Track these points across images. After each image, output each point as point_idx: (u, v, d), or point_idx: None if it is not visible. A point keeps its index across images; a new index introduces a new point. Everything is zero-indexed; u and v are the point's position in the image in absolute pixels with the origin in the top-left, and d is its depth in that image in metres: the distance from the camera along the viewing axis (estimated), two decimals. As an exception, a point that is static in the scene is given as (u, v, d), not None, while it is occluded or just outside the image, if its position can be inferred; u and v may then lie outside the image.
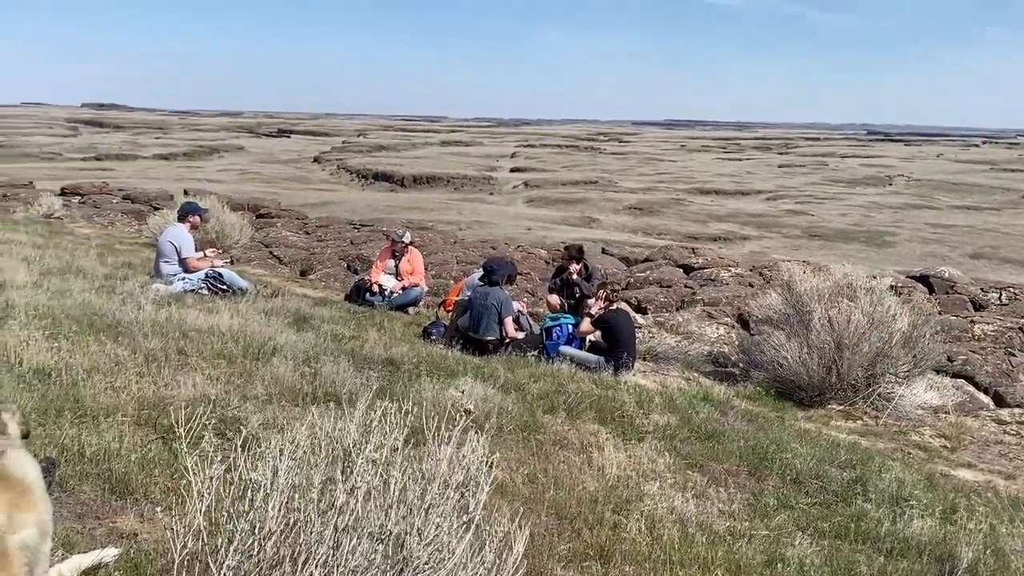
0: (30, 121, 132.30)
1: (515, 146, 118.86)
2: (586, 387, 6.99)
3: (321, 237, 19.97)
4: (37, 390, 4.75)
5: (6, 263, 9.08)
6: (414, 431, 2.43)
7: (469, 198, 61.81)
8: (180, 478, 3.73)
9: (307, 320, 8.41)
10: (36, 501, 2.64)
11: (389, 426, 2.25)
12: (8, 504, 2.51)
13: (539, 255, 18.09)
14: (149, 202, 22.83)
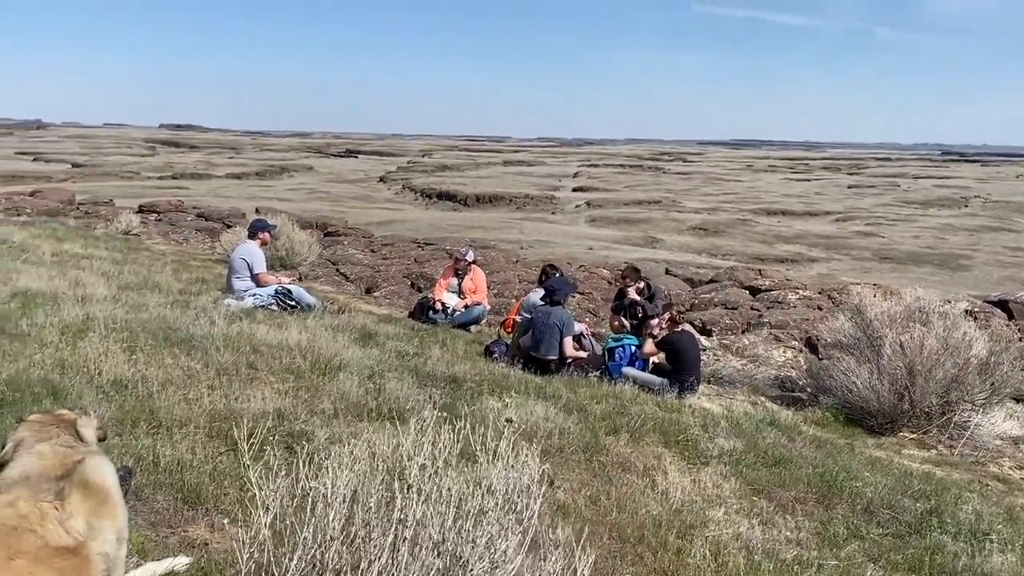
0: (111, 141, 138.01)
1: (578, 165, 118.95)
2: (649, 409, 6.91)
3: (386, 255, 20.29)
4: (115, 401, 4.92)
5: (87, 277, 9.46)
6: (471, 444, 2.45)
7: (531, 217, 62.00)
8: (249, 490, 3.83)
9: (372, 337, 8.53)
10: (115, 508, 2.72)
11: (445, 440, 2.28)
12: (89, 511, 2.58)
13: (601, 275, 18.03)
14: (222, 220, 23.55)
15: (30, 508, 2.48)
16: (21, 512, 2.47)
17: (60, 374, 5.20)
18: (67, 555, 2.44)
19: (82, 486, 2.62)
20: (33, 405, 4.49)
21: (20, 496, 2.54)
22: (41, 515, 2.47)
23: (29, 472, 2.63)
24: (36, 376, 5.03)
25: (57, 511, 2.50)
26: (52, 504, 2.51)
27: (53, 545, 2.43)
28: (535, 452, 2.44)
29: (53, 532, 2.45)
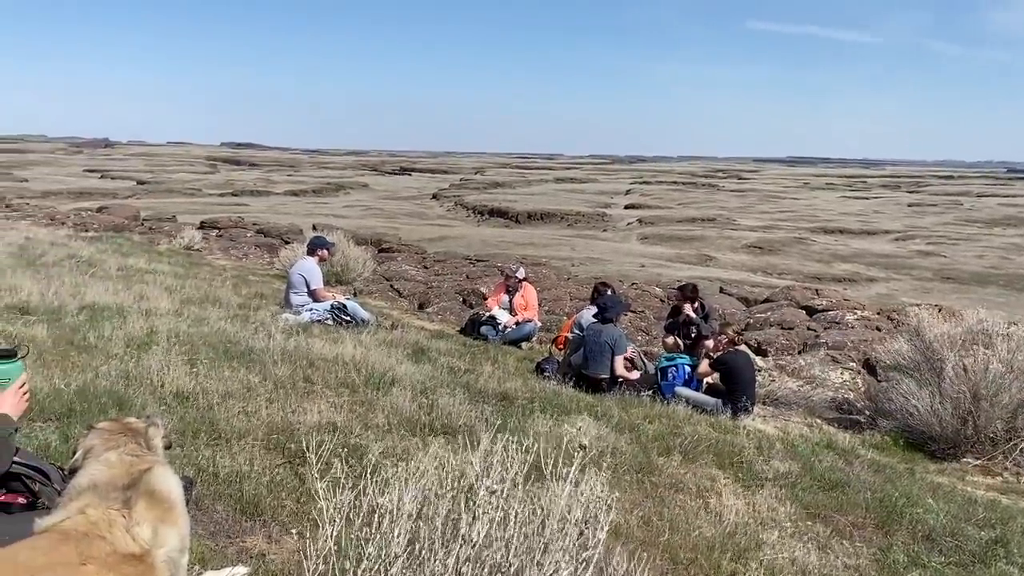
0: (174, 159, 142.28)
1: (630, 183, 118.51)
2: (703, 430, 6.83)
3: (438, 272, 20.46)
4: (176, 412, 5.06)
5: (151, 292, 9.75)
6: (532, 466, 2.46)
7: (583, 234, 61.91)
8: (306, 502, 3.90)
9: (425, 352, 8.61)
10: (178, 517, 2.80)
11: (510, 460, 2.29)
12: (154, 519, 2.66)
13: (654, 293, 17.90)
14: (280, 236, 24.05)
15: (99, 515, 2.56)
16: (91, 519, 2.55)
17: (125, 385, 5.37)
18: (134, 562, 2.52)
19: (148, 495, 2.70)
20: (100, 415, 4.64)
21: (90, 503, 2.63)
22: (109, 522, 2.55)
23: (97, 480, 2.72)
24: (103, 387, 5.21)
25: (124, 519, 2.59)
26: (120, 512, 2.59)
27: (121, 552, 2.51)
28: (604, 479, 2.44)
29: (121, 539, 2.53)
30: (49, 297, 8.10)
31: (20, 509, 2.97)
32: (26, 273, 9.86)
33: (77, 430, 4.36)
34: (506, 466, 2.27)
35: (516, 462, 2.29)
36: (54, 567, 2.32)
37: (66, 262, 11.95)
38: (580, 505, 2.26)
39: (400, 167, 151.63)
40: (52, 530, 2.54)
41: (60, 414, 4.60)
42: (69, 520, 2.57)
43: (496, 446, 2.35)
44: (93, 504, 2.61)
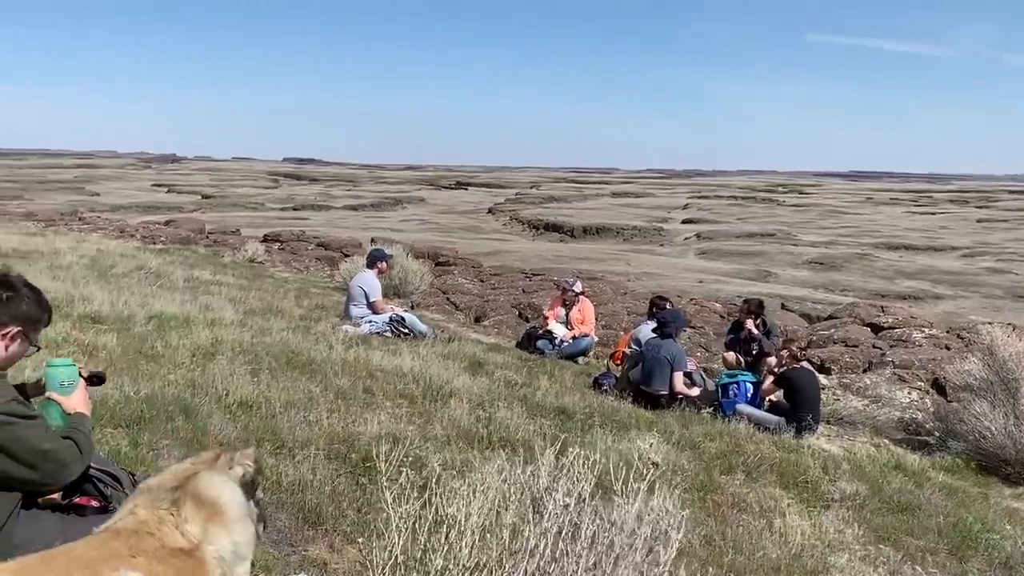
0: (238, 174, 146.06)
1: (688, 197, 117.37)
2: (766, 448, 6.68)
3: (494, 285, 20.51)
4: (240, 421, 5.14)
5: (216, 303, 9.97)
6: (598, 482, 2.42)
7: (639, 249, 61.50)
8: (367, 512, 3.91)
9: (481, 365, 8.61)
10: (229, 521, 2.84)
11: (578, 474, 2.26)
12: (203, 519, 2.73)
13: (713, 308, 17.63)
14: (340, 249, 24.42)
15: (148, 514, 2.66)
16: (140, 518, 2.66)
17: (191, 394, 5.48)
18: (183, 556, 2.60)
19: (194, 496, 2.77)
20: (167, 423, 4.75)
21: (139, 504, 2.73)
22: (159, 520, 2.65)
23: (150, 484, 2.80)
24: (170, 395, 5.32)
25: (173, 516, 2.67)
26: (168, 511, 2.68)
27: (170, 546, 2.59)
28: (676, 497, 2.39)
29: (169, 535, 2.62)
30: (119, 307, 8.33)
31: (93, 512, 3.05)
32: (98, 283, 10.18)
33: (146, 436, 4.47)
34: (574, 480, 2.24)
35: (584, 476, 2.26)
36: (106, 560, 2.40)
37: (135, 273, 12.31)
38: (650, 522, 2.21)
39: (456, 182, 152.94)
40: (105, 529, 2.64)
41: (130, 420, 4.71)
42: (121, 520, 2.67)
43: (565, 459, 2.32)
44: (143, 505, 2.71)
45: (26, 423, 2.75)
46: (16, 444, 2.71)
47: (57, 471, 2.83)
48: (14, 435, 2.70)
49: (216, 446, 4.57)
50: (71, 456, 2.83)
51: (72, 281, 10.01)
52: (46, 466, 2.78)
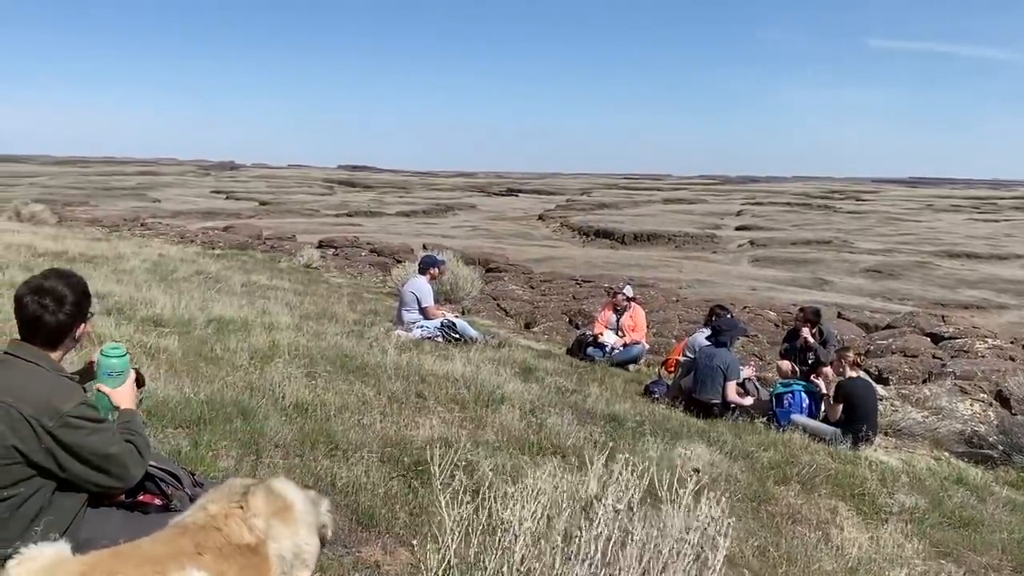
0: (294, 181, 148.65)
1: (741, 203, 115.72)
2: (821, 459, 6.56)
3: (544, 292, 20.54)
4: (296, 423, 5.23)
5: (272, 307, 10.18)
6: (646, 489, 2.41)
7: (690, 256, 60.83)
8: (419, 515, 3.95)
9: (532, 371, 8.63)
10: (295, 520, 2.89)
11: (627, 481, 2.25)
12: (269, 513, 2.79)
13: (768, 317, 17.37)
14: (392, 255, 24.71)
15: (218, 510, 2.75)
16: (210, 513, 2.74)
17: (249, 396, 5.60)
18: (247, 552, 2.67)
19: (266, 489, 2.84)
20: (226, 424, 4.87)
21: (212, 500, 2.81)
22: (226, 515, 2.72)
23: (230, 482, 2.89)
24: (229, 397, 5.44)
25: (241, 510, 2.74)
26: (238, 504, 2.75)
27: (235, 543, 2.67)
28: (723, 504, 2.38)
29: (235, 531, 2.69)
30: (180, 310, 8.56)
31: (155, 511, 3.13)
32: (160, 287, 10.47)
33: (206, 436, 4.59)
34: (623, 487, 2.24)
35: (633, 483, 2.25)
36: (174, 557, 2.48)
37: (195, 278, 12.64)
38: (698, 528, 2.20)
39: (507, 188, 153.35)
40: (176, 525, 2.72)
41: (190, 421, 4.83)
42: (191, 516, 2.75)
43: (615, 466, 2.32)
44: (215, 500, 2.79)
45: (95, 427, 2.82)
46: (84, 448, 2.79)
47: (121, 475, 2.90)
48: (83, 439, 2.78)
49: (272, 447, 4.68)
50: (133, 460, 2.91)
51: (135, 285, 10.32)
52: (112, 470, 2.86)
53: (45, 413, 2.73)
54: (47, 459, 2.76)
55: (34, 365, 2.85)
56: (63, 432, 2.74)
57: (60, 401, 2.75)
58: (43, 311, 2.87)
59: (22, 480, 2.78)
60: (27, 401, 2.73)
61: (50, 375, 2.86)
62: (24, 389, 2.77)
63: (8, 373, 2.84)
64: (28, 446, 2.74)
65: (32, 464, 2.76)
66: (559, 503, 2.32)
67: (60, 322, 2.89)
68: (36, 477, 2.80)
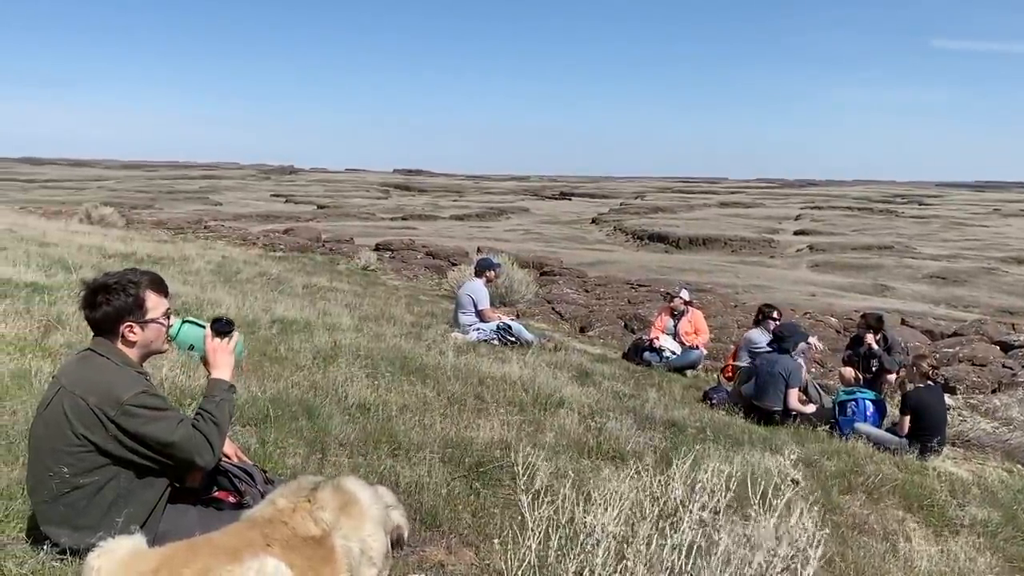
0: (351, 185, 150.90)
1: (800, 208, 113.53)
2: (887, 469, 6.41)
3: (599, 295, 20.43)
4: (359, 423, 5.31)
5: (333, 308, 10.35)
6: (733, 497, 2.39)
7: (747, 261, 59.92)
8: (482, 516, 3.98)
9: (589, 375, 8.61)
10: (361, 516, 2.95)
11: (713, 487, 2.24)
12: (336, 508, 2.86)
13: (829, 323, 17.01)
14: (447, 258, 24.89)
15: (286, 504, 2.84)
16: (278, 507, 2.84)
17: (313, 395, 5.70)
18: (314, 544, 2.76)
19: (335, 486, 2.91)
20: (292, 423, 4.97)
21: (281, 495, 2.90)
22: (293, 508, 2.81)
23: (299, 480, 2.96)
24: (294, 396, 5.55)
25: (309, 504, 2.81)
26: (306, 498, 2.82)
27: (301, 535, 2.76)
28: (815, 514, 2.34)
29: (302, 524, 2.78)
30: (244, 311, 8.76)
31: (229, 508, 3.22)
32: (224, 288, 10.74)
33: (272, 435, 4.69)
34: (709, 493, 2.22)
35: (720, 490, 2.23)
36: (244, 547, 2.57)
37: (258, 279, 12.92)
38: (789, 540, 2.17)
39: (560, 192, 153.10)
40: (244, 520, 2.81)
41: (257, 420, 4.95)
42: (259, 511, 2.83)
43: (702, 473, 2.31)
44: (283, 495, 2.87)
45: (154, 415, 2.92)
46: (146, 436, 2.90)
47: (187, 461, 2.99)
48: (142, 427, 2.88)
49: (336, 446, 4.76)
50: (197, 448, 2.97)
51: (200, 286, 10.60)
52: (176, 455, 2.96)
53: (107, 403, 2.86)
54: (116, 447, 2.89)
55: (105, 359, 2.99)
56: (124, 420, 2.87)
57: (121, 391, 2.88)
58: (85, 306, 3.04)
59: (96, 468, 2.91)
60: (93, 392, 2.88)
61: (116, 367, 2.98)
62: (91, 381, 2.91)
63: (82, 366, 3.00)
64: (96, 435, 2.87)
65: (103, 452, 2.89)
66: (641, 508, 2.31)
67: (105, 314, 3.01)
68: (109, 465, 2.92)
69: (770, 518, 2.20)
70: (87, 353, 3.05)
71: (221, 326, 3.25)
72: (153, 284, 3.14)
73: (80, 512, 2.92)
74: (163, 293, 3.18)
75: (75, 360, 3.11)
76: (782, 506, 2.26)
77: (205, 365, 3.26)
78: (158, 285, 3.17)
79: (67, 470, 2.89)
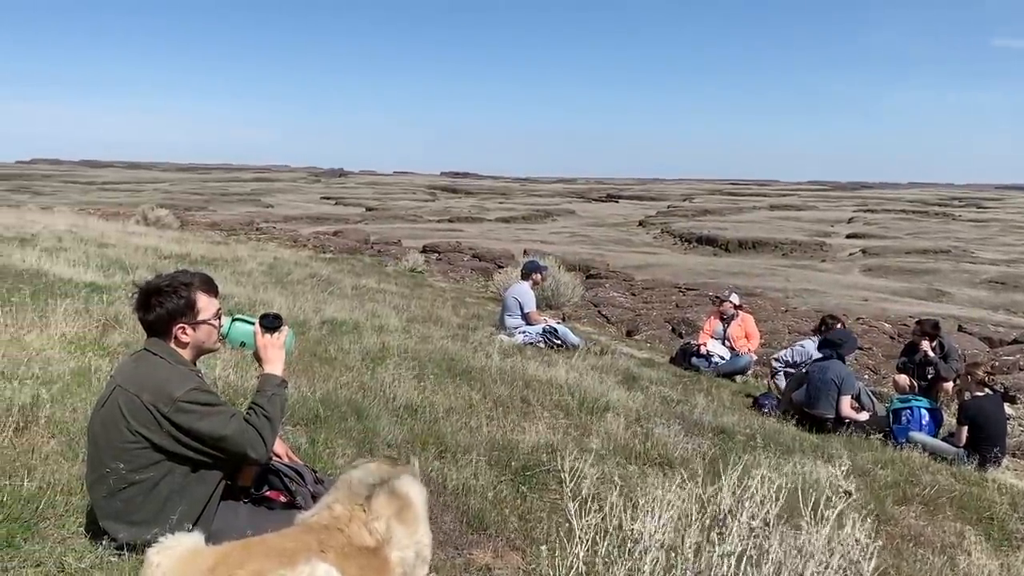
0: (399, 188, 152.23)
1: (853, 210, 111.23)
2: (944, 480, 6.24)
3: (646, 299, 20.28)
4: (407, 424, 5.35)
5: (381, 310, 10.45)
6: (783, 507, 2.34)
7: (798, 264, 58.84)
8: (528, 520, 3.98)
9: (636, 380, 8.54)
10: (415, 520, 2.95)
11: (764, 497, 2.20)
12: (391, 515, 2.85)
13: (882, 329, 16.63)
14: (494, 260, 24.96)
15: (342, 511, 2.82)
16: (335, 514, 2.82)
17: (362, 396, 5.77)
18: (368, 554, 2.75)
19: (389, 491, 2.90)
20: (341, 423, 5.03)
21: (337, 500, 2.89)
22: (350, 517, 2.80)
23: (352, 479, 2.97)
24: (343, 396, 5.62)
25: (364, 513, 2.81)
26: (361, 506, 2.82)
27: (356, 544, 2.74)
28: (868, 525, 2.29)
29: (357, 533, 2.77)
30: (295, 312, 8.90)
31: (280, 507, 3.26)
32: (276, 289, 10.93)
33: (322, 435, 4.75)
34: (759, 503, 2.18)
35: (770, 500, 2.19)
36: (299, 551, 2.58)
37: (308, 280, 13.11)
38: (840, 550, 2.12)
39: (607, 194, 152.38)
40: (302, 523, 2.82)
41: (307, 420, 5.02)
42: (316, 514, 2.84)
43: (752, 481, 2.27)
44: (341, 501, 2.87)
45: (206, 410, 2.98)
46: (200, 431, 2.96)
47: (240, 455, 3.05)
48: (195, 423, 2.95)
49: (384, 447, 4.80)
50: (250, 442, 3.03)
51: (253, 287, 10.80)
52: (229, 449, 3.02)
53: (161, 400, 2.93)
54: (171, 443, 2.96)
55: (159, 358, 3.07)
56: (177, 416, 2.93)
57: (173, 388, 2.94)
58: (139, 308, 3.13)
59: (151, 464, 2.98)
60: (147, 390, 2.95)
61: (170, 366, 3.05)
62: (145, 379, 2.99)
63: (138, 365, 3.08)
64: (151, 431, 2.94)
65: (158, 448, 2.96)
66: (688, 516, 2.29)
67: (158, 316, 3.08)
68: (164, 461, 2.99)
69: (822, 529, 2.15)
70: (142, 353, 3.13)
71: (269, 321, 3.30)
72: (204, 285, 3.21)
73: (136, 508, 2.99)
74: (214, 294, 3.25)
75: (130, 360, 3.19)
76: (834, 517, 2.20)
77: (257, 361, 3.32)
78: (209, 286, 3.24)
79: (123, 466, 2.96)
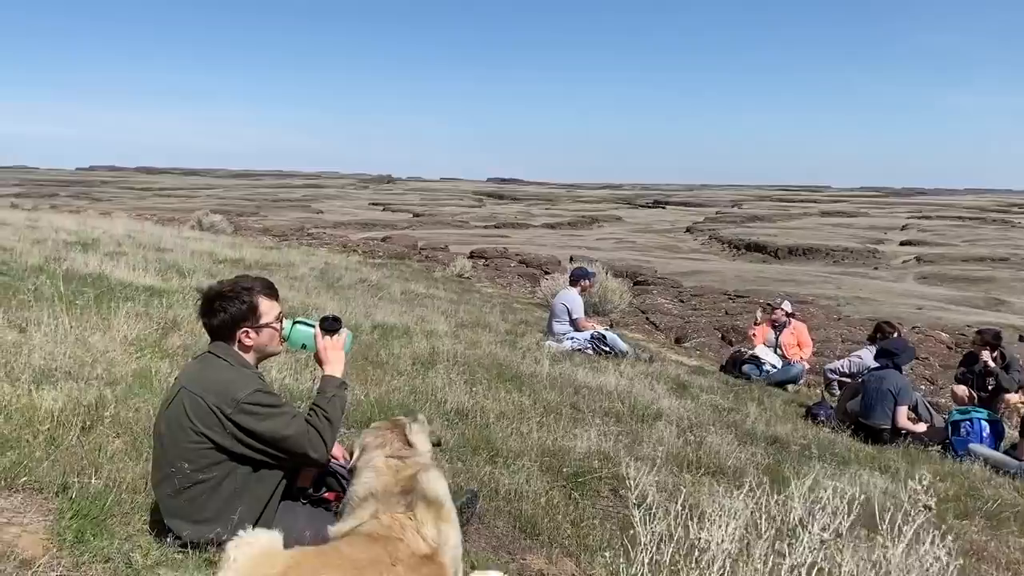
0: (446, 194, 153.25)
1: (907, 217, 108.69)
2: (1007, 494, 6.06)
3: (695, 306, 20.12)
4: (457, 428, 5.39)
5: (430, 315, 10.54)
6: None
7: (849, 272, 57.70)
8: (582, 526, 3.97)
9: (686, 388, 8.48)
10: (450, 514, 2.93)
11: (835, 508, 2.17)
12: (434, 519, 2.83)
13: (939, 338, 16.22)
14: (540, 266, 24.98)
15: (390, 520, 2.75)
16: (385, 523, 2.74)
17: (413, 399, 5.82)
18: (428, 563, 2.67)
19: (423, 498, 2.86)
20: (394, 426, 5.07)
21: (378, 509, 2.82)
22: (401, 525, 2.75)
23: (373, 488, 2.92)
24: (395, 400, 5.68)
25: (412, 521, 2.79)
26: (406, 515, 2.80)
27: (417, 553, 2.69)
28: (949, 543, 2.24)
29: (413, 541, 2.71)
30: (347, 316, 9.00)
31: (337, 509, 3.31)
32: (328, 293, 11.09)
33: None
34: (831, 514, 2.15)
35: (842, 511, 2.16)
36: (374, 564, 2.54)
37: (359, 285, 13.28)
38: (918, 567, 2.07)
39: (654, 200, 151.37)
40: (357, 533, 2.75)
41: (362, 422, 5.07)
42: (366, 524, 2.78)
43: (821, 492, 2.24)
44: (381, 509, 2.82)
45: (268, 411, 3.03)
46: (262, 432, 3.02)
47: (301, 455, 3.09)
48: (257, 424, 3.00)
49: (438, 452, 4.82)
50: (311, 442, 3.07)
51: (306, 291, 10.97)
52: (291, 449, 3.06)
53: (224, 401, 2.99)
54: (233, 443, 3.02)
55: (223, 360, 3.14)
56: (240, 418, 2.99)
57: (236, 390, 3.01)
58: (203, 313, 3.21)
59: (214, 464, 3.04)
60: (211, 391, 3.02)
61: (233, 368, 3.12)
62: (209, 381, 3.06)
63: (202, 367, 3.16)
64: (215, 432, 3.01)
65: (221, 449, 3.02)
66: (757, 525, 2.26)
67: (221, 320, 3.16)
68: (227, 461, 3.05)
69: (899, 543, 2.11)
70: (206, 356, 3.21)
71: (329, 324, 3.35)
72: (265, 290, 3.28)
73: (200, 506, 3.06)
74: (275, 298, 3.32)
75: (195, 362, 3.27)
76: (911, 533, 2.16)
77: (318, 363, 3.37)
78: (270, 290, 3.30)
79: (188, 466, 3.03)
